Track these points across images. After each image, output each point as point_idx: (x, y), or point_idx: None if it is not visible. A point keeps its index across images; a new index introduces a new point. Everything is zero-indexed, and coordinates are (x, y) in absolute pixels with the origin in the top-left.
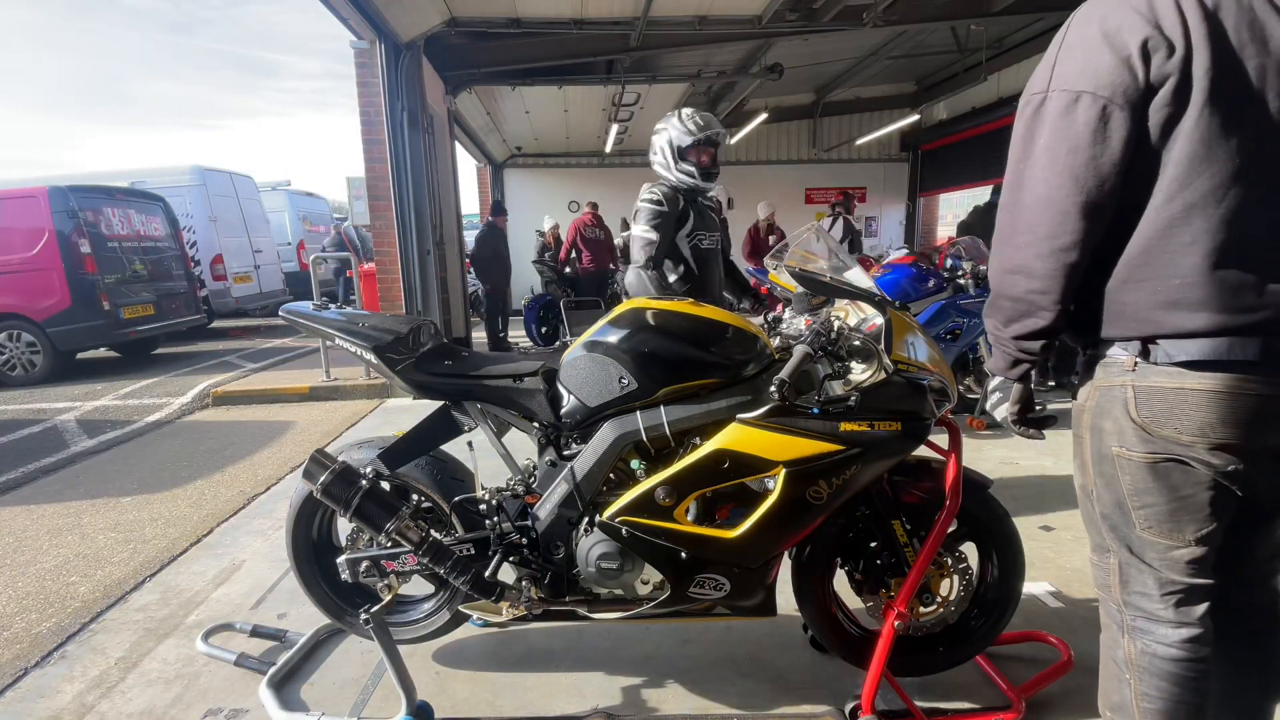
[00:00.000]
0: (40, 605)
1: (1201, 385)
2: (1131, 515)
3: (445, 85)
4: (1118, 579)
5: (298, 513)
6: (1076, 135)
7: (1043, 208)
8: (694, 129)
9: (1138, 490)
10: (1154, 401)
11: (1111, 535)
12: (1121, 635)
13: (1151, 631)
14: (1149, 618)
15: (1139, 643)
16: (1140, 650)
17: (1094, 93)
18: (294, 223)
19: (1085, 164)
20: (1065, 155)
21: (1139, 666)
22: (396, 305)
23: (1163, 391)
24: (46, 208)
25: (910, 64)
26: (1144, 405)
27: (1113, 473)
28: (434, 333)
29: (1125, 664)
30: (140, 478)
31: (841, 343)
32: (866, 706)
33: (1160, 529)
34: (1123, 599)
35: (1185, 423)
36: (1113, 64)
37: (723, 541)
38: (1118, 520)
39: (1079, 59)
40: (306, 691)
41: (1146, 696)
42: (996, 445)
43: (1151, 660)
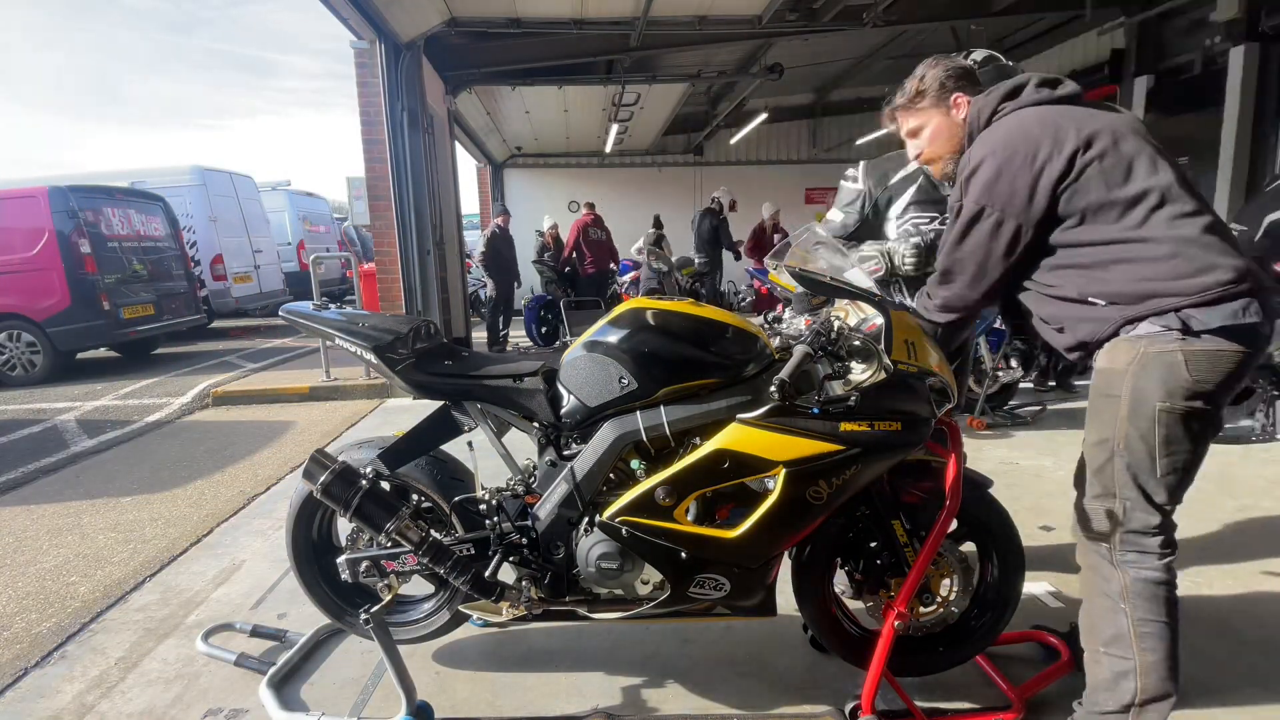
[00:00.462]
0: (40, 605)
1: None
2: (1159, 463)
3: (445, 85)
4: (1121, 516)
5: (298, 513)
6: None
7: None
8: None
9: (1170, 440)
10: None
11: (1129, 481)
12: (1114, 569)
13: (1143, 561)
14: (1141, 550)
15: (1132, 572)
16: (1134, 578)
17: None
18: (294, 223)
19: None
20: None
21: (1134, 594)
22: (396, 305)
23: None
24: (46, 208)
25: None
26: (1196, 367)
27: (1149, 426)
28: (434, 333)
29: (1121, 595)
30: (140, 478)
31: (841, 343)
32: (866, 706)
33: (1178, 474)
34: (1120, 537)
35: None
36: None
37: (723, 541)
38: (1143, 468)
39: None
40: (306, 691)
41: (1142, 621)
42: (996, 445)
43: (1145, 585)
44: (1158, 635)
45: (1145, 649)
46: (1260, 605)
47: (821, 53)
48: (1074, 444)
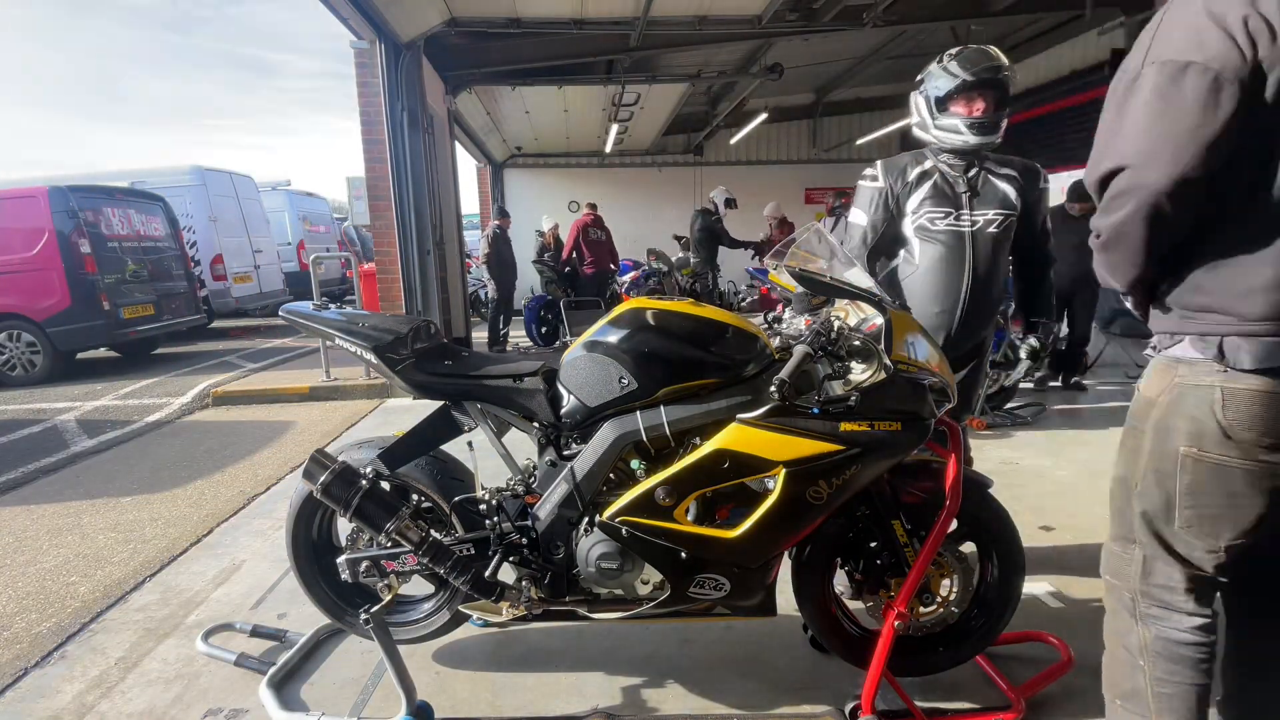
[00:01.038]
0: (40, 605)
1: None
2: (1175, 513)
3: (445, 85)
4: (1140, 569)
5: (298, 513)
6: (1183, 103)
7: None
8: (959, 69)
9: (1194, 491)
10: (1240, 404)
11: (1145, 529)
12: (1136, 623)
13: (1167, 619)
14: (1165, 606)
15: (1153, 629)
16: (1155, 636)
17: (1205, 64)
18: (294, 223)
19: (1188, 132)
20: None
21: (1153, 652)
22: (396, 305)
23: (1254, 395)
24: (46, 208)
25: (910, 64)
26: (1232, 408)
27: (1171, 471)
28: (434, 333)
29: (1139, 651)
30: (140, 478)
31: (841, 343)
32: (866, 706)
33: (1199, 529)
34: (1140, 588)
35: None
36: (1220, 38)
37: (723, 541)
38: (1158, 516)
39: (1182, 34)
40: (306, 691)
41: (1160, 681)
42: (997, 445)
43: (1166, 645)
44: (1179, 698)
45: (1162, 710)
46: None
47: (821, 53)
48: (1074, 444)
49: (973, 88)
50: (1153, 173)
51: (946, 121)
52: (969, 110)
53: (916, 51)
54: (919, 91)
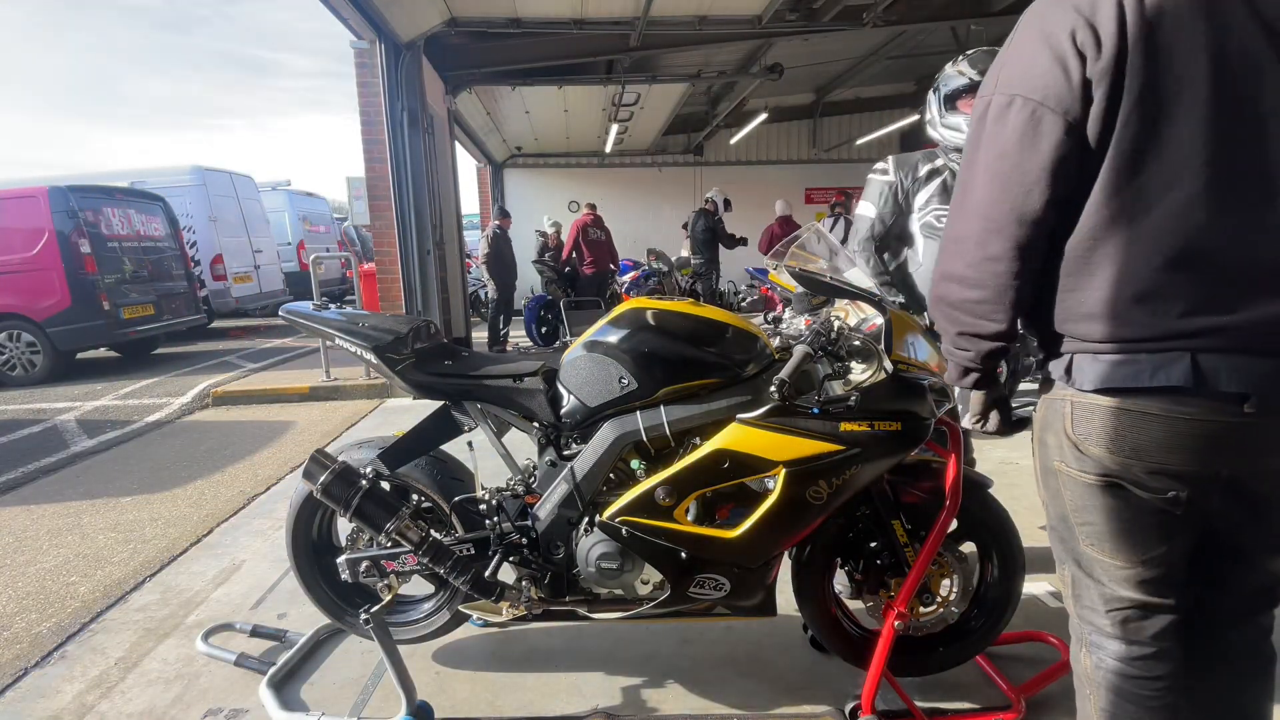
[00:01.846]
0: (40, 605)
1: (1132, 406)
2: (1075, 530)
3: (445, 85)
4: (1071, 592)
5: (298, 513)
6: (1006, 140)
7: (975, 215)
8: (970, 69)
9: (1078, 507)
10: (1088, 419)
11: (1061, 548)
12: (1080, 649)
13: (1103, 646)
14: (1099, 632)
15: (1093, 656)
16: (1094, 664)
17: (1026, 95)
18: (294, 223)
19: (1012, 170)
20: (995, 161)
21: (1094, 681)
22: (396, 305)
23: (1095, 409)
24: (46, 208)
25: (910, 64)
26: (1079, 422)
27: (1056, 487)
28: (434, 333)
29: (1085, 678)
30: (140, 478)
31: (841, 343)
32: (866, 706)
33: (1102, 547)
34: (1077, 612)
35: (1117, 444)
36: (1047, 64)
37: (723, 541)
38: (1064, 534)
39: (1016, 60)
40: (306, 691)
41: (1104, 712)
42: (996, 445)
43: (1105, 675)
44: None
45: None
46: None
47: (821, 53)
48: None
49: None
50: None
51: (953, 119)
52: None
53: (917, 51)
54: (933, 90)
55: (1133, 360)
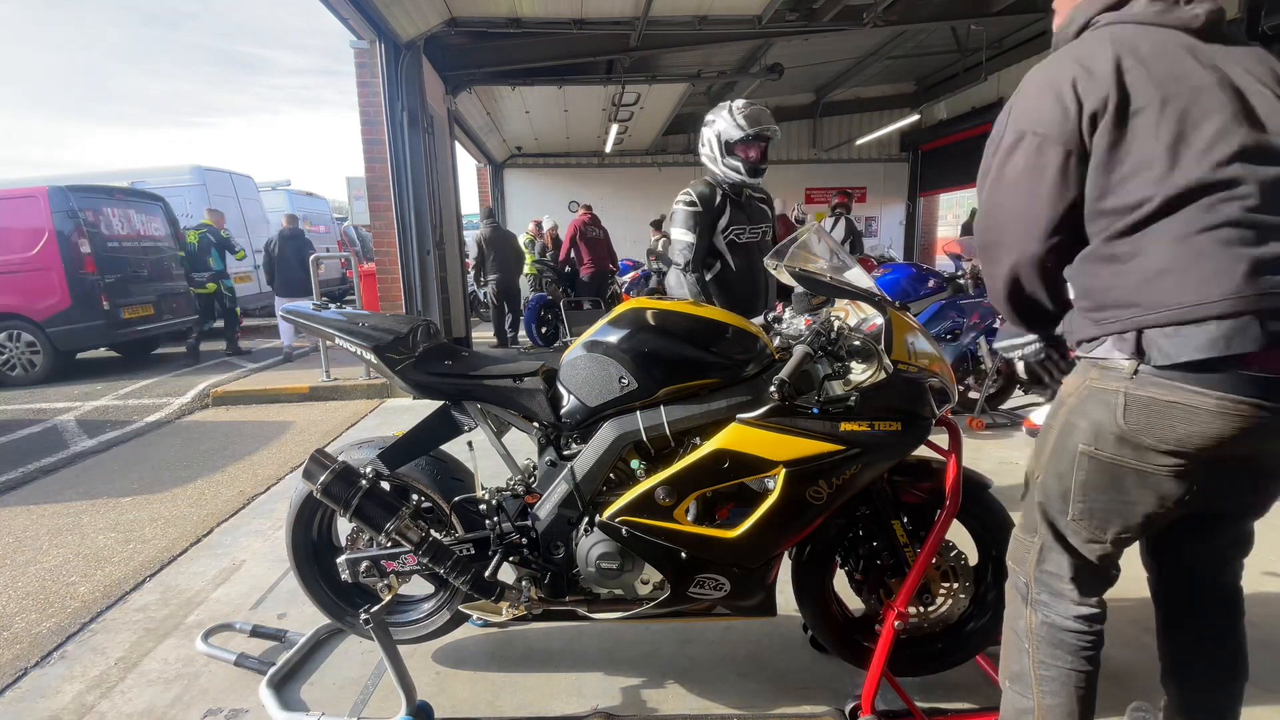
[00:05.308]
0: (40, 605)
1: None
2: (1070, 506)
3: (445, 85)
4: (1035, 556)
5: (298, 513)
6: (1017, 170)
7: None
8: (744, 124)
9: (1087, 487)
10: (1145, 413)
11: (1041, 518)
12: (1025, 607)
13: (1053, 605)
14: (1053, 594)
15: (1039, 614)
16: (1040, 621)
17: (1033, 131)
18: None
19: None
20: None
21: (1038, 636)
22: (396, 305)
23: (1157, 404)
24: (46, 208)
25: (910, 64)
26: (1133, 415)
27: (1068, 469)
28: (434, 333)
29: (1025, 634)
30: (140, 478)
31: (841, 343)
32: (866, 706)
33: (1089, 523)
34: (1035, 574)
35: (1168, 434)
36: (1052, 104)
37: (723, 541)
38: (1054, 507)
39: (1025, 102)
40: (306, 691)
41: (1042, 664)
42: (996, 445)
43: (1050, 630)
44: (1059, 681)
45: (1044, 692)
46: (1260, 606)
47: (821, 53)
48: None
49: (753, 139)
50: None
51: (732, 161)
52: (748, 155)
53: (916, 51)
54: (710, 128)
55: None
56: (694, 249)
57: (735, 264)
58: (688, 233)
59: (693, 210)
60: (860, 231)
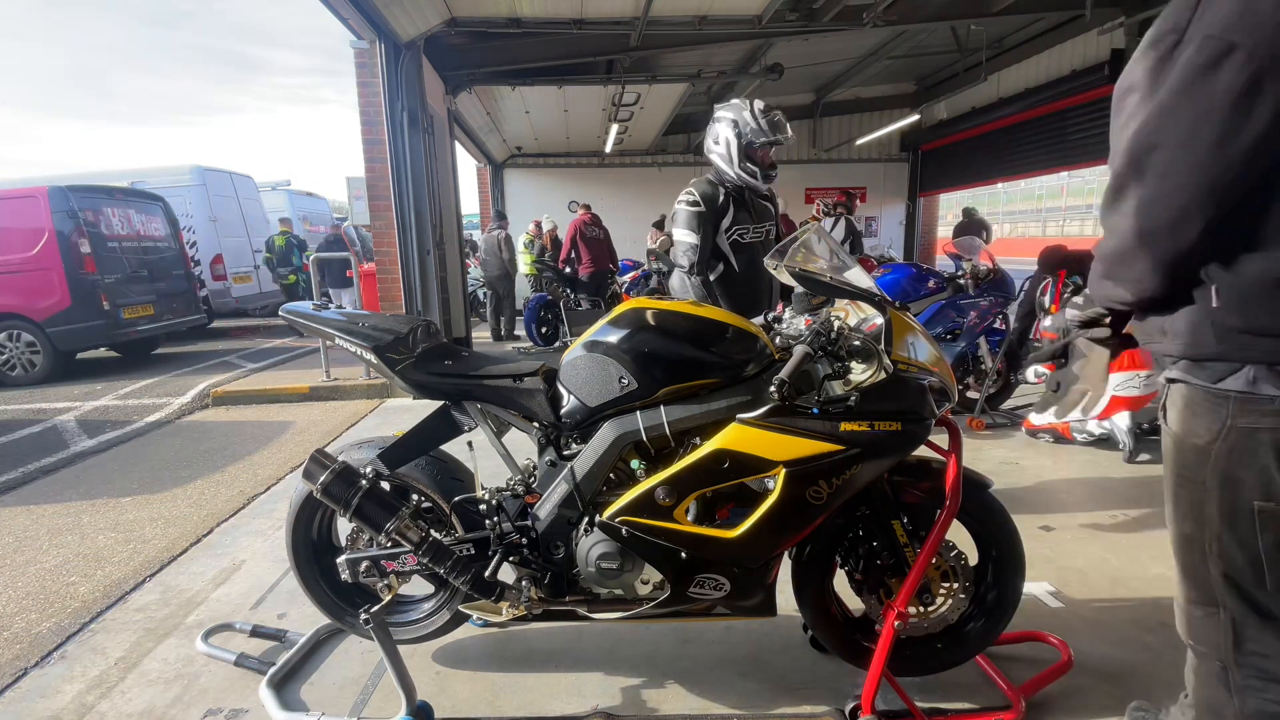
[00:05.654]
0: (40, 605)
1: None
2: (1265, 575)
3: (445, 85)
4: (1230, 638)
5: (298, 513)
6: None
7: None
8: (769, 130)
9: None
10: None
11: (1231, 593)
12: (1231, 695)
13: (1269, 690)
14: (1265, 677)
15: (1253, 702)
16: (1256, 709)
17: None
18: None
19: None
20: (1191, 123)
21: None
22: (396, 305)
23: None
24: (46, 208)
25: (910, 64)
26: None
27: (1250, 532)
28: (434, 333)
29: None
30: (140, 478)
31: (841, 343)
32: (866, 706)
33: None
34: (1235, 659)
35: None
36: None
37: (723, 541)
38: (1245, 579)
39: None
40: (306, 691)
41: None
42: (996, 445)
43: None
44: None
45: None
46: None
47: (821, 53)
48: (1075, 444)
49: (771, 144)
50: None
51: (750, 166)
52: (764, 159)
53: (916, 51)
54: (727, 125)
55: None
56: (698, 250)
57: (739, 264)
58: (691, 233)
59: (696, 210)
60: (860, 231)
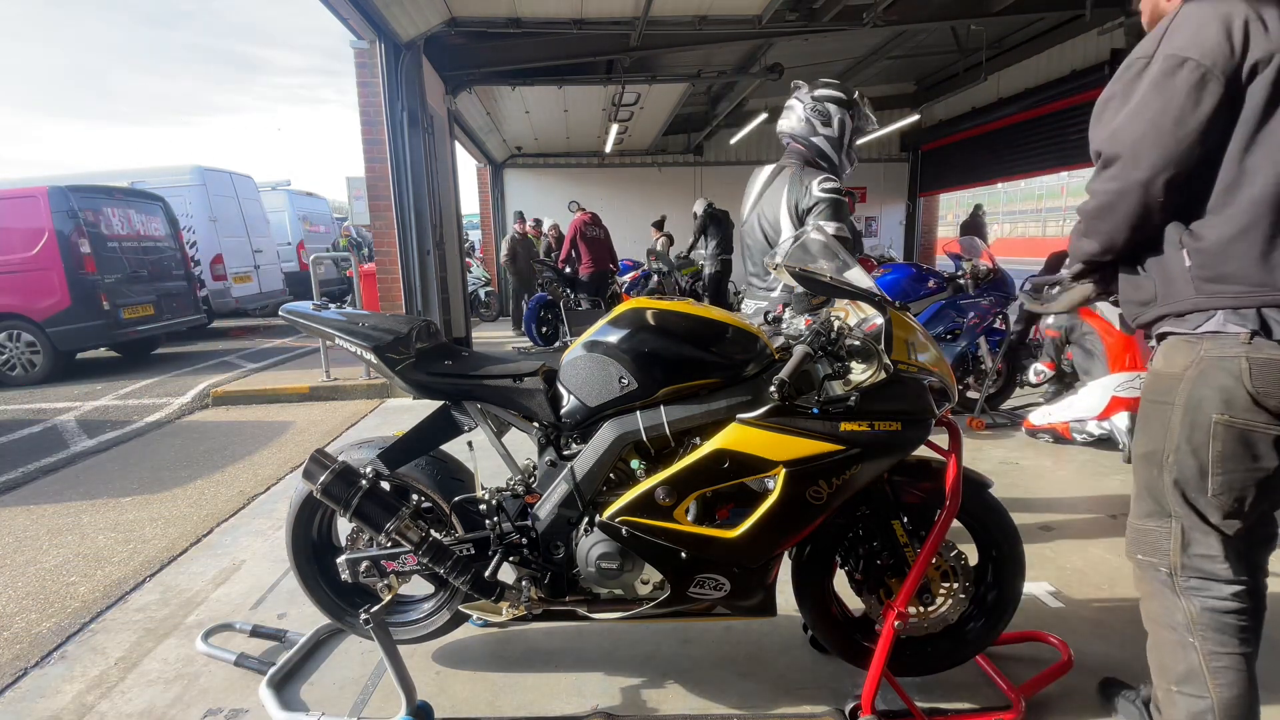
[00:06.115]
0: (40, 605)
1: None
2: (1209, 481)
3: (445, 85)
4: (1179, 543)
5: (298, 513)
6: (1172, 96)
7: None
8: (875, 122)
9: (1225, 457)
10: (1271, 374)
11: (1179, 500)
12: (1179, 598)
13: (1209, 589)
14: (1206, 576)
15: (1198, 601)
16: (1201, 608)
17: (1199, 60)
18: (294, 223)
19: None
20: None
21: (1201, 624)
22: (396, 305)
23: (1278, 365)
24: (46, 208)
25: (910, 64)
26: (1259, 377)
27: (1204, 440)
28: (434, 333)
29: (1187, 628)
30: (140, 478)
31: (841, 343)
32: (866, 706)
33: (1228, 496)
34: (1180, 561)
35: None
36: (1218, 36)
37: (723, 541)
38: (1193, 485)
39: (1189, 29)
40: (306, 691)
41: (1214, 655)
42: (996, 445)
43: (1214, 616)
44: (1235, 670)
45: (1221, 685)
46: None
47: (821, 53)
48: (1075, 444)
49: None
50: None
51: (853, 155)
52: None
53: (916, 51)
54: (842, 109)
55: None
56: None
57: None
58: (845, 227)
59: (844, 201)
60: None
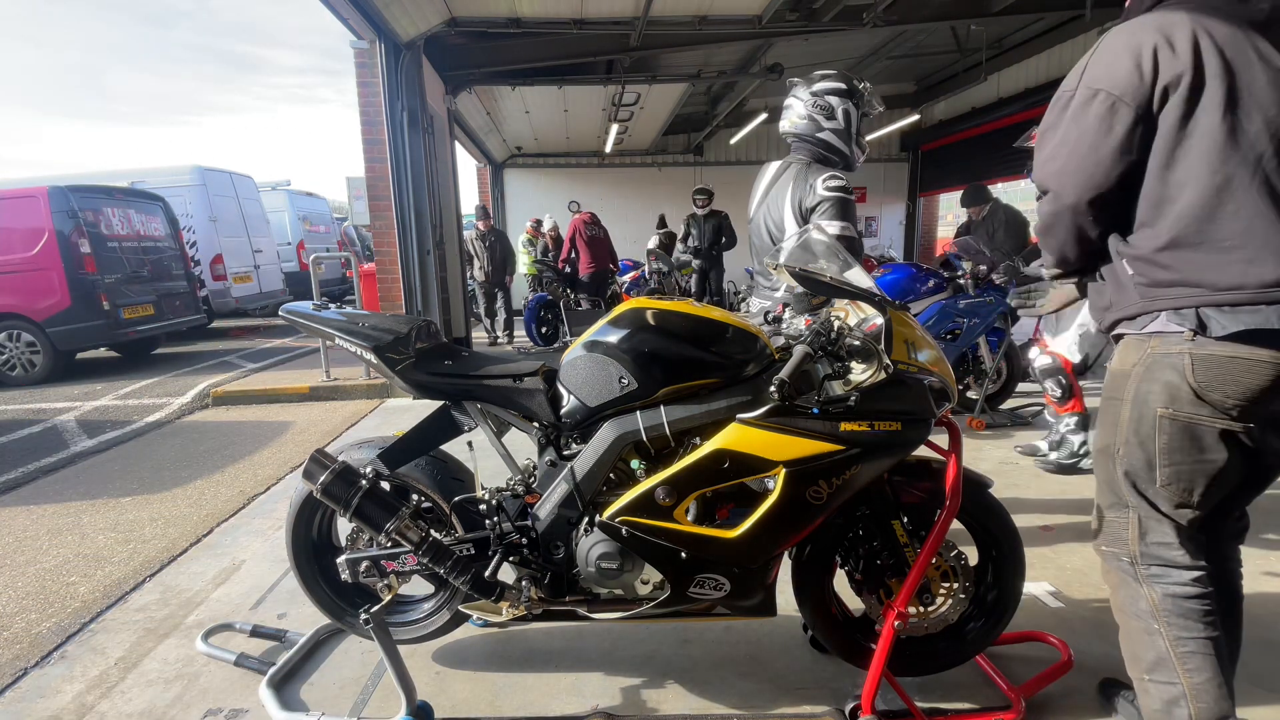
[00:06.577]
0: (40, 605)
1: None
2: (1158, 473)
3: (445, 85)
4: (1136, 532)
5: (298, 513)
6: (1087, 126)
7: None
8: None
9: (1170, 449)
10: (1211, 368)
11: (1132, 491)
12: (1140, 586)
13: (1169, 575)
14: (1165, 564)
15: (1159, 588)
16: (1162, 595)
17: (1109, 90)
18: (294, 223)
19: (1090, 151)
20: (1075, 143)
21: (1164, 611)
22: (396, 305)
23: (1218, 360)
24: (46, 208)
25: (910, 64)
26: (1201, 371)
27: (1150, 433)
28: (434, 333)
29: (1151, 615)
30: (140, 478)
31: (841, 343)
32: (866, 706)
33: (1176, 486)
34: (1139, 550)
35: (1235, 387)
36: (1128, 67)
37: (723, 541)
38: (1142, 477)
39: (1103, 62)
40: (306, 691)
41: (1180, 641)
42: (996, 445)
43: (1175, 603)
44: (1201, 654)
45: (1190, 670)
46: (1260, 606)
47: (821, 53)
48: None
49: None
50: (1067, 192)
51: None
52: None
53: (916, 51)
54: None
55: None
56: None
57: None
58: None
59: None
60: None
